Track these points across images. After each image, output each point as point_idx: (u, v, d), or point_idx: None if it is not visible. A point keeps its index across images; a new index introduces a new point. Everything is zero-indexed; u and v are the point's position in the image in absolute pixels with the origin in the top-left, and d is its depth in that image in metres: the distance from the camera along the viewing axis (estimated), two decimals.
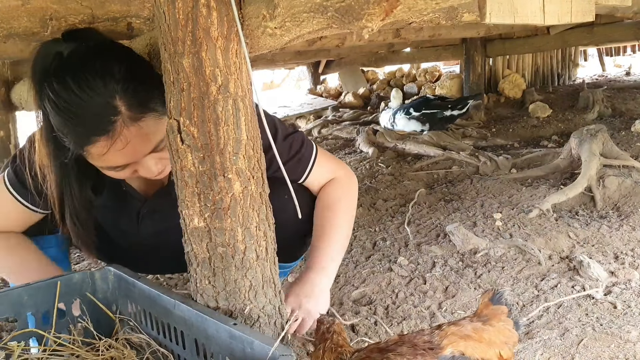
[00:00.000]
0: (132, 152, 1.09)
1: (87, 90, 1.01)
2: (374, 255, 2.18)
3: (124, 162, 1.11)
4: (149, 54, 1.43)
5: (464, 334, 0.99)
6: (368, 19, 0.78)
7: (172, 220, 1.39)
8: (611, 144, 2.87)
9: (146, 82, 1.09)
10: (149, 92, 1.08)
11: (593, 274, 1.81)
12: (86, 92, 1.01)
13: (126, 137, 1.05)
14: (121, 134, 1.04)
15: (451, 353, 0.95)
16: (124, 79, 1.04)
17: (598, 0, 1.24)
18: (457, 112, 4.26)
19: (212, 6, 0.90)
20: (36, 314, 1.20)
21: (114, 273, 1.27)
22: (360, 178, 3.31)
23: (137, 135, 1.07)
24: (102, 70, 1.03)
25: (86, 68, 1.03)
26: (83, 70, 1.03)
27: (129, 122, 1.05)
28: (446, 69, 7.67)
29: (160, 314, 1.13)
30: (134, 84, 1.05)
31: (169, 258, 1.53)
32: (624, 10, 2.69)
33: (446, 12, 1.57)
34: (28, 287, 1.19)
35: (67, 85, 1.02)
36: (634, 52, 10.30)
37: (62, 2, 1.30)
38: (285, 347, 0.88)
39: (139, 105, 1.06)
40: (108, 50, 1.10)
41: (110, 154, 1.07)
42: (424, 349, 0.94)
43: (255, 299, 1.06)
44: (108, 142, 1.04)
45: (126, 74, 1.05)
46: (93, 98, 1.02)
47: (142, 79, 1.09)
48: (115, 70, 1.04)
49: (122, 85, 1.03)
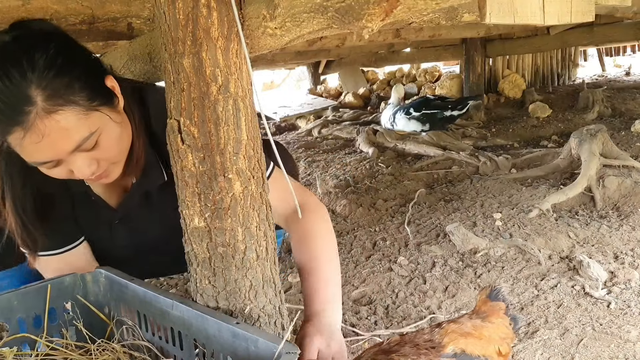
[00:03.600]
0: (51, 148, 1.03)
1: (5, 79, 0.98)
2: (374, 255, 2.19)
3: (45, 158, 1.05)
4: (149, 54, 1.43)
5: (464, 332, 1.00)
6: (368, 19, 0.78)
7: (145, 227, 1.37)
8: (611, 144, 2.88)
9: (70, 73, 1.03)
10: (70, 83, 1.02)
11: (593, 273, 1.81)
12: (3, 82, 0.98)
13: (41, 130, 1.00)
14: (35, 126, 0.99)
15: (453, 351, 0.95)
16: (43, 68, 0.99)
17: (598, 0, 1.25)
18: (457, 113, 4.26)
19: (213, 6, 0.90)
20: (27, 319, 1.18)
21: (105, 275, 1.24)
22: (360, 178, 3.31)
23: (55, 129, 1.01)
24: (22, 60, 0.99)
25: (8, 57, 1.00)
26: (5, 60, 0.99)
27: (44, 114, 0.99)
28: (446, 69, 7.67)
29: (156, 315, 1.11)
30: (53, 75, 1.00)
31: (151, 262, 1.50)
32: (624, 10, 2.69)
33: (446, 12, 1.57)
34: (18, 292, 1.17)
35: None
36: (633, 52, 10.29)
37: (63, 2, 1.30)
38: (291, 344, 0.88)
39: (56, 97, 1.00)
40: (39, 39, 1.05)
41: (27, 146, 1.02)
42: (426, 348, 0.95)
43: (256, 299, 1.06)
44: (22, 133, 1.00)
45: (47, 63, 1.00)
46: (9, 88, 0.98)
47: (67, 70, 1.03)
48: (36, 59, 0.99)
49: (38, 75, 0.99)
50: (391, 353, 0.95)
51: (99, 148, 1.09)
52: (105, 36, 1.49)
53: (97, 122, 1.07)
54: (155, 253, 1.42)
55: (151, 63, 1.45)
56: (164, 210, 1.28)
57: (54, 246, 1.28)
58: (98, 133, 1.07)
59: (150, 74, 1.49)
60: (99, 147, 1.09)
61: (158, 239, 1.38)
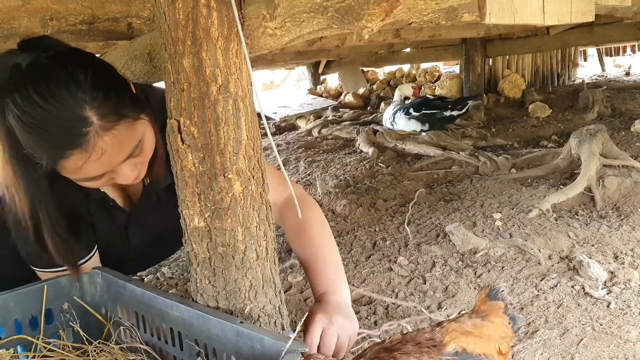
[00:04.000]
0: (107, 162, 1.04)
1: (54, 102, 0.95)
2: (374, 255, 2.19)
3: (100, 172, 1.06)
4: (149, 54, 1.43)
5: (464, 330, 1.00)
6: (368, 19, 0.78)
7: (156, 225, 1.37)
8: (611, 144, 2.88)
9: (115, 88, 1.04)
10: (119, 98, 1.03)
11: (593, 273, 1.81)
12: (53, 105, 0.95)
13: (101, 148, 1.00)
14: (96, 145, 0.99)
15: (454, 349, 0.96)
16: (92, 87, 0.98)
17: (598, 0, 1.25)
18: (456, 113, 4.26)
19: (213, 6, 0.90)
20: (23, 320, 1.17)
21: (102, 276, 1.24)
22: (360, 178, 3.31)
23: (112, 144, 1.01)
24: (67, 80, 0.97)
25: (49, 79, 0.96)
26: (46, 82, 0.96)
27: (102, 132, 0.99)
28: (446, 69, 7.68)
29: (155, 316, 1.11)
30: (102, 92, 0.99)
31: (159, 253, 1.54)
32: (624, 10, 2.69)
33: (446, 13, 1.57)
34: (14, 293, 1.16)
35: (31, 99, 0.94)
36: (633, 52, 10.29)
37: (63, 3, 1.30)
38: (298, 342, 0.88)
39: (110, 114, 1.00)
40: (70, 57, 1.03)
41: (86, 165, 1.01)
42: (428, 347, 0.95)
43: (256, 299, 1.06)
44: (83, 154, 0.99)
45: (93, 81, 0.99)
46: (61, 111, 0.95)
47: (110, 85, 1.03)
48: (81, 79, 0.97)
49: (90, 95, 0.97)
50: (393, 351, 0.95)
51: (141, 153, 1.11)
52: (105, 36, 1.49)
53: (142, 130, 1.08)
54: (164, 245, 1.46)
55: (151, 63, 1.44)
56: (173, 209, 1.30)
57: (87, 252, 1.28)
58: (142, 140, 1.09)
59: (150, 74, 1.49)
60: (142, 152, 1.11)
61: (166, 233, 1.39)
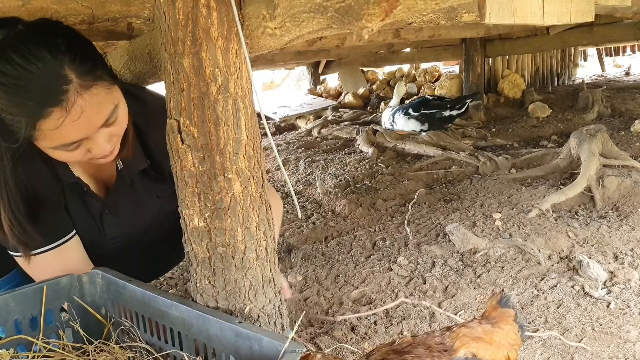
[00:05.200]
0: (86, 124, 1.06)
1: (35, 61, 0.98)
2: (374, 255, 2.19)
3: (79, 136, 1.08)
4: (149, 54, 1.43)
5: (474, 336, 1.00)
6: (368, 19, 0.78)
7: (131, 217, 1.37)
8: (610, 144, 2.88)
9: (91, 52, 1.09)
10: (95, 61, 1.07)
11: (592, 273, 1.81)
12: (34, 64, 0.98)
13: (80, 106, 1.03)
14: (75, 103, 1.02)
15: (464, 355, 0.95)
16: (69, 50, 1.02)
17: (598, 0, 1.25)
18: (456, 112, 4.27)
19: (212, 6, 0.90)
20: (23, 320, 1.17)
21: (102, 276, 1.24)
22: (360, 178, 3.31)
23: (90, 104, 1.04)
24: (46, 42, 1.01)
25: (29, 42, 1.00)
26: (26, 45, 0.99)
27: (81, 89, 1.02)
28: (446, 69, 7.67)
29: (155, 316, 1.11)
30: (80, 54, 1.04)
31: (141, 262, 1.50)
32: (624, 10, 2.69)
33: (446, 13, 1.57)
34: (14, 293, 1.17)
35: (11, 60, 0.98)
36: (633, 52, 10.29)
37: (63, 3, 1.30)
38: (295, 342, 0.88)
39: (88, 74, 1.04)
40: (47, 26, 1.08)
41: (65, 126, 1.03)
42: (438, 351, 0.95)
43: (255, 299, 1.06)
44: (63, 112, 1.01)
45: (71, 45, 1.03)
46: (42, 69, 0.99)
47: (87, 49, 1.08)
48: (59, 42, 1.02)
49: (69, 56, 1.01)
50: (404, 354, 0.95)
51: (116, 123, 1.13)
52: (105, 36, 1.49)
53: (117, 96, 1.12)
54: (141, 246, 1.44)
55: (151, 63, 1.44)
56: (147, 198, 1.34)
57: (49, 241, 1.27)
58: (117, 107, 1.11)
59: (150, 74, 1.48)
60: (117, 121, 1.12)
61: (143, 229, 1.41)
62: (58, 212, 1.29)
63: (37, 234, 1.22)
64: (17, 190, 1.16)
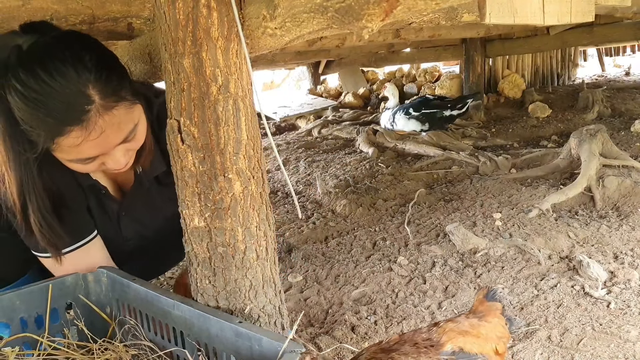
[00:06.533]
0: (104, 142, 1.06)
1: (59, 78, 0.97)
2: (374, 255, 2.19)
3: (96, 153, 1.08)
4: (149, 54, 1.43)
5: (461, 330, 1.00)
6: (368, 19, 0.78)
7: (146, 218, 1.39)
8: (611, 144, 2.88)
9: (116, 72, 1.07)
10: (120, 81, 1.06)
11: (592, 273, 1.81)
12: (58, 81, 0.97)
13: (100, 127, 1.03)
14: (96, 124, 1.02)
15: (451, 349, 0.96)
16: (96, 68, 1.01)
17: (598, 1, 1.25)
18: (456, 112, 4.26)
19: (213, 7, 0.90)
20: (29, 319, 1.18)
21: (107, 275, 1.25)
22: (360, 178, 3.31)
23: (111, 124, 1.04)
24: (73, 59, 1.00)
25: (55, 57, 0.99)
26: (52, 59, 0.98)
27: (103, 110, 1.02)
28: (446, 69, 7.67)
29: (158, 315, 1.12)
30: (105, 73, 1.03)
31: (147, 262, 1.52)
32: (624, 10, 2.69)
33: (446, 13, 1.57)
34: (20, 292, 1.17)
35: (36, 75, 0.97)
36: (633, 52, 10.29)
37: (63, 2, 1.30)
38: (295, 342, 0.89)
39: (111, 95, 1.03)
40: (74, 38, 1.07)
41: (84, 144, 1.03)
42: (425, 347, 0.95)
43: (256, 299, 1.07)
44: (82, 132, 1.01)
45: (97, 62, 1.02)
46: (65, 87, 0.98)
47: (113, 68, 1.07)
48: (86, 59, 1.01)
49: (94, 74, 1.00)
50: (391, 352, 0.95)
51: (134, 140, 1.13)
52: (105, 36, 1.49)
53: (137, 115, 1.11)
54: (151, 247, 1.44)
55: (151, 63, 1.44)
56: (161, 201, 1.34)
57: (75, 239, 1.27)
58: (137, 125, 1.12)
59: (150, 74, 1.48)
60: (135, 138, 1.13)
61: (156, 231, 1.41)
62: (82, 212, 1.30)
63: (64, 233, 1.22)
64: (44, 192, 1.16)
